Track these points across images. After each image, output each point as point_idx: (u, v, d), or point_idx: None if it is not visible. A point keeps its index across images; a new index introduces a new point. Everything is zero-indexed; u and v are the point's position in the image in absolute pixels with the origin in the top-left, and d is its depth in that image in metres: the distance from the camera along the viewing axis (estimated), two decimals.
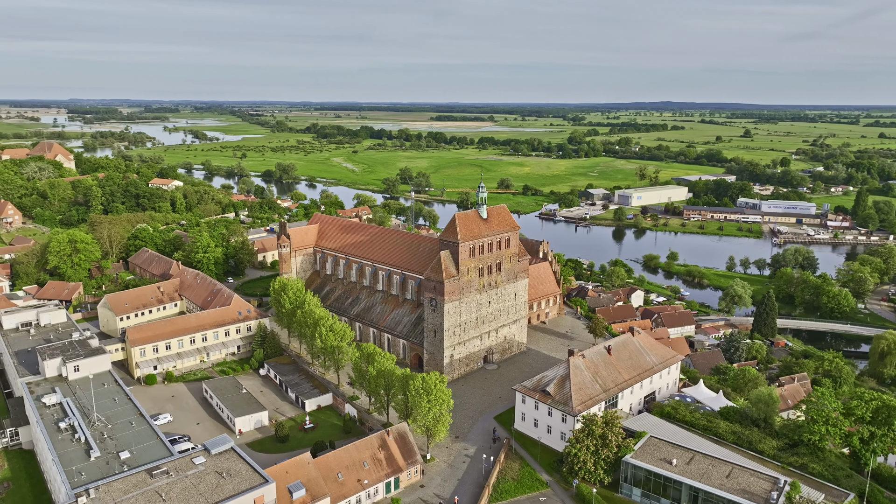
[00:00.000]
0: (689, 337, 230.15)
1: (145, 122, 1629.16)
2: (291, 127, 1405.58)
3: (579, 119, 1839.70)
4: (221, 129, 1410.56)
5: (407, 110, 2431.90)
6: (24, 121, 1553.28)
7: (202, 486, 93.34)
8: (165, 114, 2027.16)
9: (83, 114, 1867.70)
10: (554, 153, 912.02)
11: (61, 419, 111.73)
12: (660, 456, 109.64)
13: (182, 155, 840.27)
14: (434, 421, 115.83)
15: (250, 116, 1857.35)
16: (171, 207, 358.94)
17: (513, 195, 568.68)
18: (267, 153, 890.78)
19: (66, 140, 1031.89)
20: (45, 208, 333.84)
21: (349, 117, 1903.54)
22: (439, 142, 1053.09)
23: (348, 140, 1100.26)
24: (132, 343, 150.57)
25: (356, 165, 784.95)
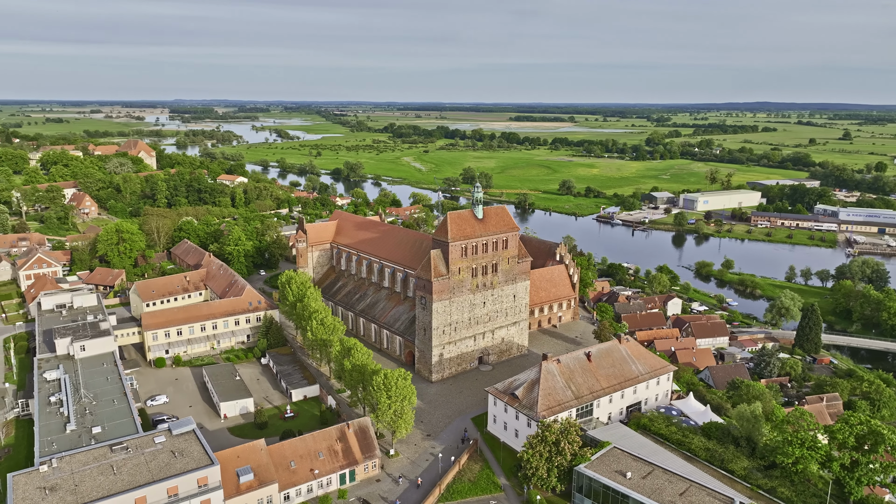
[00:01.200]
0: (720, 349, 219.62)
1: (237, 122, 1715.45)
2: (370, 126, 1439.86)
3: (664, 120, 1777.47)
4: (304, 128, 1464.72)
5: (487, 111, 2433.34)
6: (131, 120, 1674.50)
7: (153, 463, 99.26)
8: (256, 113, 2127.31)
9: (183, 113, 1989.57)
10: (628, 155, 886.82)
11: (54, 393, 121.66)
12: (617, 468, 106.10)
13: (262, 153, 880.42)
14: (395, 417, 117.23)
15: (334, 116, 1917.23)
16: (231, 202, 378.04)
17: (574, 197, 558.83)
18: (341, 152, 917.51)
19: (162, 138, 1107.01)
20: (118, 200, 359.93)
21: (428, 117, 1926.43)
22: (511, 142, 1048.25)
23: (422, 140, 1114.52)
24: (146, 327, 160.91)
25: (424, 165, 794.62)
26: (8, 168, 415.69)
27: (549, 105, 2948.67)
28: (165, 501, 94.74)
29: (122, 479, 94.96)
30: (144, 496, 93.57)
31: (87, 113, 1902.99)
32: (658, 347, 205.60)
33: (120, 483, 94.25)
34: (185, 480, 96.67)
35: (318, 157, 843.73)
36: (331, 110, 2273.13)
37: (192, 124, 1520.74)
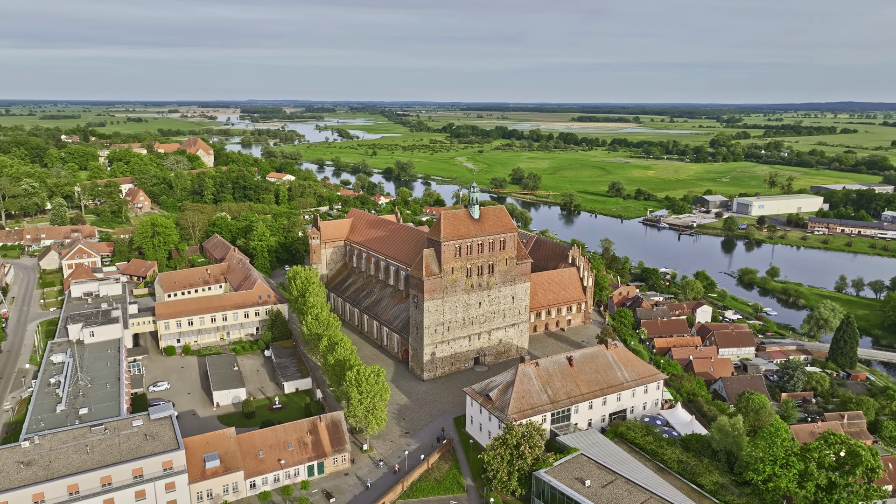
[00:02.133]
0: (745, 359, 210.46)
1: (303, 122, 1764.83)
2: (429, 126, 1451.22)
3: (735, 121, 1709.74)
4: (365, 128, 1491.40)
5: (551, 111, 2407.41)
6: (204, 119, 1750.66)
7: (125, 444, 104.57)
8: (322, 113, 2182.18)
9: (252, 113, 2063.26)
10: (688, 157, 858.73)
11: (55, 375, 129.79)
12: (578, 475, 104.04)
13: (319, 151, 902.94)
14: (366, 413, 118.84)
15: (396, 116, 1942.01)
16: (275, 199, 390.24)
17: (622, 199, 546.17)
18: (397, 151, 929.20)
19: (230, 136, 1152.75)
20: (170, 196, 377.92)
21: (490, 118, 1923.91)
22: (569, 143, 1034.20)
23: (478, 140, 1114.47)
24: (158, 317, 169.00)
25: (477, 165, 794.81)
26: (75, 164, 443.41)
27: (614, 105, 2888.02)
28: (130, 481, 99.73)
29: (93, 459, 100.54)
30: (110, 475, 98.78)
31: (165, 113, 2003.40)
32: (675, 355, 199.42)
33: (90, 462, 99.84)
34: (150, 463, 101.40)
35: (374, 156, 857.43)
36: (394, 110, 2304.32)
37: (259, 124, 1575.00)
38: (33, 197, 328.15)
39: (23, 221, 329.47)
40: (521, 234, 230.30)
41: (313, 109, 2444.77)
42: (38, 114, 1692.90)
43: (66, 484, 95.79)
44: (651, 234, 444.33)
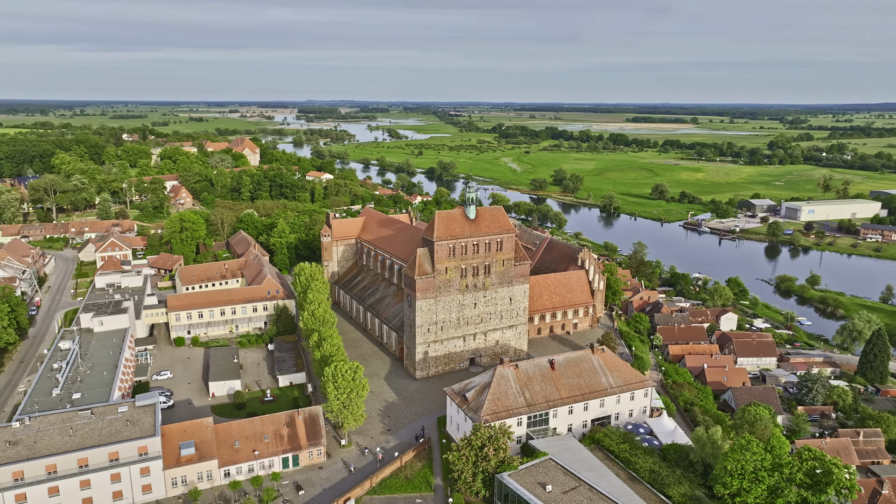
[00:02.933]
0: (765, 370, 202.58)
1: (356, 122, 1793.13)
2: (479, 127, 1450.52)
3: (799, 122, 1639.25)
4: (416, 128, 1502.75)
5: (606, 111, 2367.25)
6: (261, 119, 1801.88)
7: (107, 429, 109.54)
8: (376, 114, 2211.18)
9: (308, 113, 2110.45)
10: (742, 159, 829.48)
11: (59, 361, 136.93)
12: (541, 480, 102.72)
13: (366, 151, 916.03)
14: (341, 408, 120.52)
15: (448, 117, 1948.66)
16: (311, 197, 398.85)
17: (665, 202, 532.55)
18: (443, 151, 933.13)
19: (283, 136, 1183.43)
20: (211, 193, 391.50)
21: (542, 118, 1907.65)
22: (618, 144, 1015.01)
23: (527, 141, 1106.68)
24: (170, 309, 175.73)
25: (521, 166, 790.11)
26: (126, 162, 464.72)
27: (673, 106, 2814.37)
28: (106, 464, 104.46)
29: (73, 441, 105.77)
30: (87, 458, 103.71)
31: (226, 113, 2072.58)
32: (688, 363, 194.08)
33: (70, 444, 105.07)
34: (126, 447, 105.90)
35: (419, 156, 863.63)
36: (446, 111, 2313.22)
37: (314, 123, 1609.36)
38: (82, 192, 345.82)
39: (73, 215, 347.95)
40: (534, 236, 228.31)
41: (367, 109, 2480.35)
42: (109, 113, 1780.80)
43: (44, 464, 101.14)
44: (691, 239, 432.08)
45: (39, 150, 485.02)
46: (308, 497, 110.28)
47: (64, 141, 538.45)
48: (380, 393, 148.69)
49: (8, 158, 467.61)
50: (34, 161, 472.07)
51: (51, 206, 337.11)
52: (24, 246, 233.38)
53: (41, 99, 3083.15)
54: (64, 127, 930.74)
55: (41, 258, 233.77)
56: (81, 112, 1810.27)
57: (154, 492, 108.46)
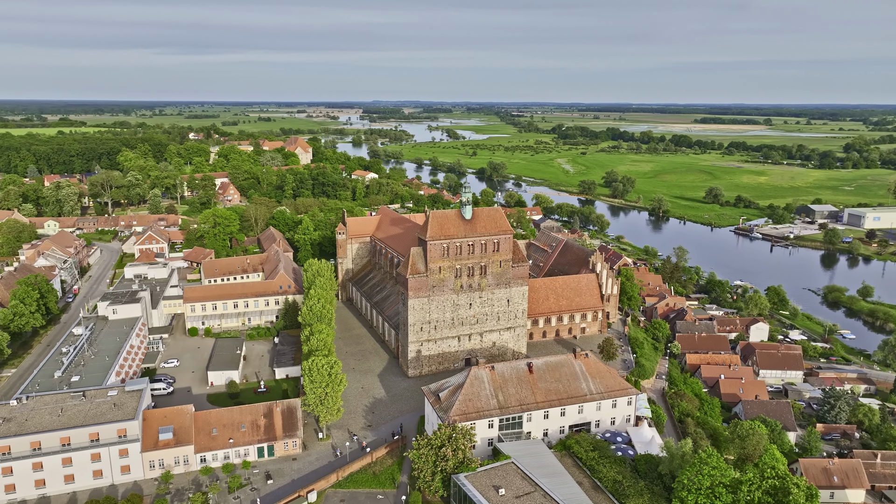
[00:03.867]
0: (789, 383, 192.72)
1: (417, 122, 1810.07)
2: (539, 127, 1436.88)
3: (884, 123, 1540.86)
4: (476, 128, 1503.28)
5: (675, 112, 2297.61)
6: (326, 119, 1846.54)
7: (93, 411, 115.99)
8: (438, 114, 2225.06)
9: (372, 113, 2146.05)
10: (813, 161, 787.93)
11: (69, 345, 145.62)
12: (497, 483, 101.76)
13: (421, 151, 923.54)
14: (316, 402, 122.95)
15: (510, 117, 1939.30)
16: (352, 196, 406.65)
17: (720, 206, 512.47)
18: (498, 152, 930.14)
19: (344, 136, 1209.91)
20: (257, 190, 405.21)
21: (606, 119, 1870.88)
22: (680, 145, 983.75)
23: (585, 142, 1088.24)
24: (185, 300, 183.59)
25: (575, 167, 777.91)
26: (182, 159, 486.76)
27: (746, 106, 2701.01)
28: (86, 444, 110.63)
29: (60, 421, 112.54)
30: (69, 437, 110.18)
31: (294, 113, 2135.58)
32: (704, 373, 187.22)
33: (55, 423, 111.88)
34: (106, 429, 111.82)
35: (473, 156, 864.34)
36: (509, 111, 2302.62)
37: (376, 124, 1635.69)
38: (136, 188, 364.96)
39: (127, 210, 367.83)
40: (550, 238, 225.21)
41: (430, 110, 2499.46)
42: (185, 113, 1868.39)
43: (29, 440, 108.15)
44: (742, 245, 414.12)
45: (107, 147, 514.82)
46: (275, 487, 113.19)
47: (131, 139, 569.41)
48: (370, 389, 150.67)
49: (79, 156, 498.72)
50: (102, 158, 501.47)
51: (107, 201, 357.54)
52: (69, 237, 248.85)
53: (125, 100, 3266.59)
54: (139, 126, 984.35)
55: (84, 249, 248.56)
56: (160, 112, 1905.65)
57: (132, 473, 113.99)
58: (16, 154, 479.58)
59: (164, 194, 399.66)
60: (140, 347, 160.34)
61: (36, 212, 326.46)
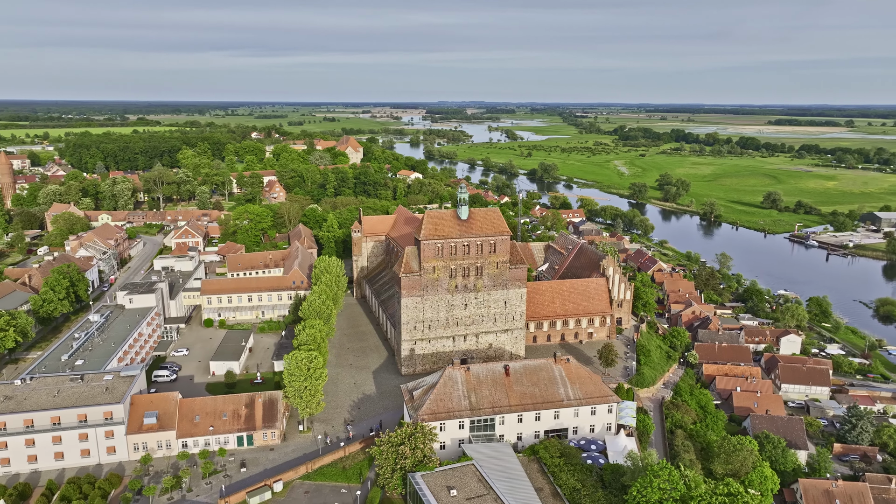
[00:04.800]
0: (813, 400, 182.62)
1: (479, 122, 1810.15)
2: (600, 128, 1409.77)
3: None
4: (536, 129, 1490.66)
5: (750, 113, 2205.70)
6: (389, 119, 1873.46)
7: (85, 393, 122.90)
8: (501, 115, 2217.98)
9: (435, 114, 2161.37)
10: (892, 165, 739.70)
11: (82, 331, 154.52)
12: (452, 484, 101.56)
13: (476, 152, 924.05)
14: (295, 395, 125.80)
15: (573, 118, 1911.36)
16: (393, 195, 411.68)
17: (778, 212, 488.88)
18: (554, 153, 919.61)
19: (403, 136, 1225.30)
20: (301, 188, 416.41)
21: (674, 120, 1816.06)
22: (747, 148, 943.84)
23: (647, 143, 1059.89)
24: (202, 292, 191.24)
25: (631, 169, 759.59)
26: (233, 157, 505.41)
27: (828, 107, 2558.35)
28: (74, 424, 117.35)
29: (54, 401, 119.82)
30: (59, 416, 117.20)
31: (358, 113, 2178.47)
32: (718, 385, 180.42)
33: (50, 403, 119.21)
34: (94, 411, 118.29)
35: (528, 157, 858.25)
36: (573, 112, 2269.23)
37: (438, 124, 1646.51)
38: (186, 184, 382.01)
39: (178, 205, 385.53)
40: (568, 241, 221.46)
41: (494, 111, 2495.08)
42: (256, 113, 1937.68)
43: (22, 418, 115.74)
44: (797, 253, 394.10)
45: (169, 146, 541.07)
46: (248, 475, 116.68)
47: (192, 138, 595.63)
48: (362, 385, 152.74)
49: (143, 153, 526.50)
50: (163, 156, 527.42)
51: (158, 196, 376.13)
52: (111, 230, 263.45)
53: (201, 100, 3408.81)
54: (208, 125, 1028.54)
55: (125, 242, 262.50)
56: (232, 112, 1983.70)
57: (118, 454, 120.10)
58: (86, 151, 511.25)
59: (214, 191, 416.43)
60: (152, 336, 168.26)
61: (93, 205, 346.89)
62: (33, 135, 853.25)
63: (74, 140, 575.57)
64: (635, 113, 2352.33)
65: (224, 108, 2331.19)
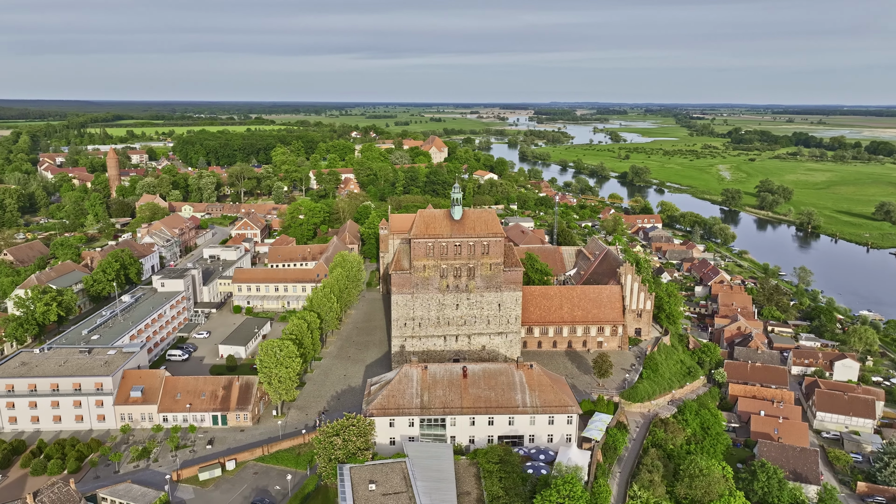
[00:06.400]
0: (853, 432, 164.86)
1: (586, 123, 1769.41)
2: (714, 131, 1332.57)
3: None
4: (643, 130, 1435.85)
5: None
6: (495, 120, 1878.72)
7: (86, 364, 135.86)
8: (611, 116, 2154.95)
9: (543, 115, 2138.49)
10: None
11: (111, 310, 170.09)
12: (376, 478, 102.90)
13: (570, 153, 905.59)
14: (265, 381, 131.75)
15: (688, 120, 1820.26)
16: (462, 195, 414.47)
17: (892, 224, 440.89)
18: (654, 156, 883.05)
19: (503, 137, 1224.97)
20: (374, 185, 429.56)
21: (802, 122, 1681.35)
22: (877, 153, 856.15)
23: (762, 147, 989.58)
24: (234, 280, 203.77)
25: (735, 174, 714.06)
26: (318, 155, 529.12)
27: None
28: (70, 391, 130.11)
29: (58, 369, 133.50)
30: (57, 384, 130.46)
31: (466, 114, 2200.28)
32: (741, 407, 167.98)
33: (53, 371, 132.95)
34: (86, 381, 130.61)
35: (625, 159, 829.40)
36: (689, 113, 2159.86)
37: (543, 125, 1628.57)
38: (266, 180, 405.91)
39: (259, 199, 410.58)
40: (597, 246, 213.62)
41: (604, 112, 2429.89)
42: (367, 113, 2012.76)
43: (27, 382, 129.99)
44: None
45: (265, 143, 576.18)
46: (212, 451, 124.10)
47: (287, 136, 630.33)
48: (351, 377, 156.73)
49: (241, 150, 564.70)
50: (259, 153, 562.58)
51: (239, 190, 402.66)
52: (179, 220, 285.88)
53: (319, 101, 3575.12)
54: (316, 125, 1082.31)
55: (191, 231, 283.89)
56: (346, 112, 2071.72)
57: (107, 422, 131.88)
58: (191, 148, 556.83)
59: (294, 187, 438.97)
60: (176, 318, 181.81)
61: (182, 197, 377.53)
62: (161, 132, 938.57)
63: (184, 137, 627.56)
64: (759, 115, 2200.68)
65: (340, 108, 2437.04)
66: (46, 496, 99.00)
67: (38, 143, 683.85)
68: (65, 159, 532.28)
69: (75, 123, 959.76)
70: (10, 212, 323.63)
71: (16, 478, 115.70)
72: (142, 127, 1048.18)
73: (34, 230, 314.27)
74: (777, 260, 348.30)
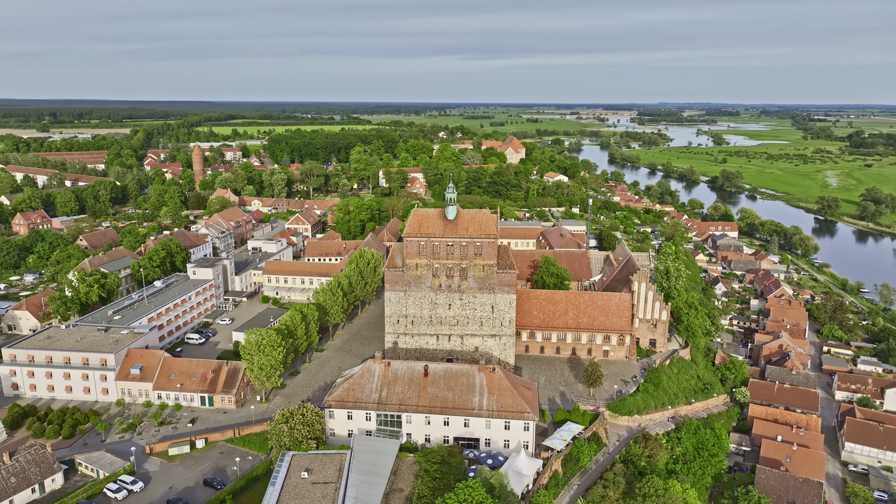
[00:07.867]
0: (885, 468, 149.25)
1: (691, 125, 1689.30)
2: (833, 134, 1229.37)
3: None
4: (750, 133, 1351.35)
5: None
6: (594, 121, 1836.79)
7: (98, 341, 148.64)
8: (720, 117, 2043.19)
9: (646, 116, 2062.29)
10: None
11: (141, 294, 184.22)
12: (310, 467, 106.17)
13: (662, 156, 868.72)
14: (248, 368, 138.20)
15: (805, 122, 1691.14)
16: (525, 197, 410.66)
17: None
18: (756, 160, 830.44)
19: (597, 138, 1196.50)
20: (440, 185, 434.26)
21: None
22: None
23: (886, 152, 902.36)
24: (264, 272, 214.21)
25: (844, 181, 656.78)
26: (390, 155, 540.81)
27: None
28: (79, 365, 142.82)
29: (73, 345, 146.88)
30: (69, 357, 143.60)
31: (566, 115, 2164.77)
32: (755, 430, 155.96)
33: (69, 346, 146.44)
34: (94, 357, 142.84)
35: (722, 163, 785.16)
36: (810, 114, 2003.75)
37: (644, 126, 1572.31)
38: (335, 177, 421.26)
39: (327, 196, 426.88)
40: (623, 252, 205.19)
41: (714, 112, 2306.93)
42: (466, 114, 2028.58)
43: (44, 354, 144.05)
44: None
45: (346, 143, 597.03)
46: (192, 430, 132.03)
47: (369, 135, 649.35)
48: (345, 370, 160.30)
49: (323, 149, 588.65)
50: (340, 152, 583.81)
51: (308, 187, 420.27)
52: (237, 213, 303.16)
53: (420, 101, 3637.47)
54: (409, 124, 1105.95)
55: (247, 224, 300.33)
56: (444, 113, 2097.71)
57: (110, 395, 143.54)
58: (278, 146, 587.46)
59: (363, 185, 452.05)
60: (202, 304, 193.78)
61: (256, 192, 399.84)
62: (262, 131, 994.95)
63: (273, 136, 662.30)
64: (894, 116, 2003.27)
65: (440, 108, 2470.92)
66: (23, 456, 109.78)
67: (151, 141, 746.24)
68: (165, 155, 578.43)
69: (188, 122, 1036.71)
70: (103, 202, 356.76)
71: (19, 438, 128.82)
72: (247, 126, 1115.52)
73: (119, 219, 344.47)
74: (866, 276, 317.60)
